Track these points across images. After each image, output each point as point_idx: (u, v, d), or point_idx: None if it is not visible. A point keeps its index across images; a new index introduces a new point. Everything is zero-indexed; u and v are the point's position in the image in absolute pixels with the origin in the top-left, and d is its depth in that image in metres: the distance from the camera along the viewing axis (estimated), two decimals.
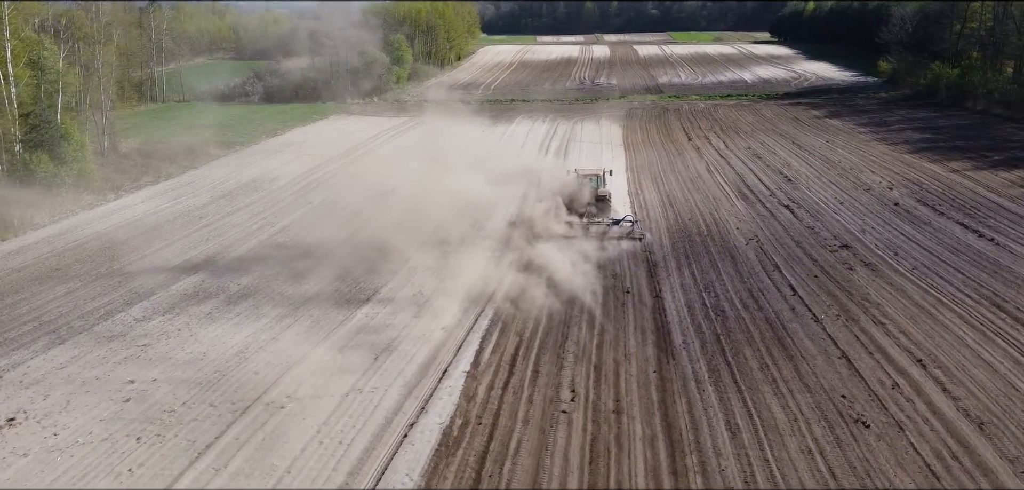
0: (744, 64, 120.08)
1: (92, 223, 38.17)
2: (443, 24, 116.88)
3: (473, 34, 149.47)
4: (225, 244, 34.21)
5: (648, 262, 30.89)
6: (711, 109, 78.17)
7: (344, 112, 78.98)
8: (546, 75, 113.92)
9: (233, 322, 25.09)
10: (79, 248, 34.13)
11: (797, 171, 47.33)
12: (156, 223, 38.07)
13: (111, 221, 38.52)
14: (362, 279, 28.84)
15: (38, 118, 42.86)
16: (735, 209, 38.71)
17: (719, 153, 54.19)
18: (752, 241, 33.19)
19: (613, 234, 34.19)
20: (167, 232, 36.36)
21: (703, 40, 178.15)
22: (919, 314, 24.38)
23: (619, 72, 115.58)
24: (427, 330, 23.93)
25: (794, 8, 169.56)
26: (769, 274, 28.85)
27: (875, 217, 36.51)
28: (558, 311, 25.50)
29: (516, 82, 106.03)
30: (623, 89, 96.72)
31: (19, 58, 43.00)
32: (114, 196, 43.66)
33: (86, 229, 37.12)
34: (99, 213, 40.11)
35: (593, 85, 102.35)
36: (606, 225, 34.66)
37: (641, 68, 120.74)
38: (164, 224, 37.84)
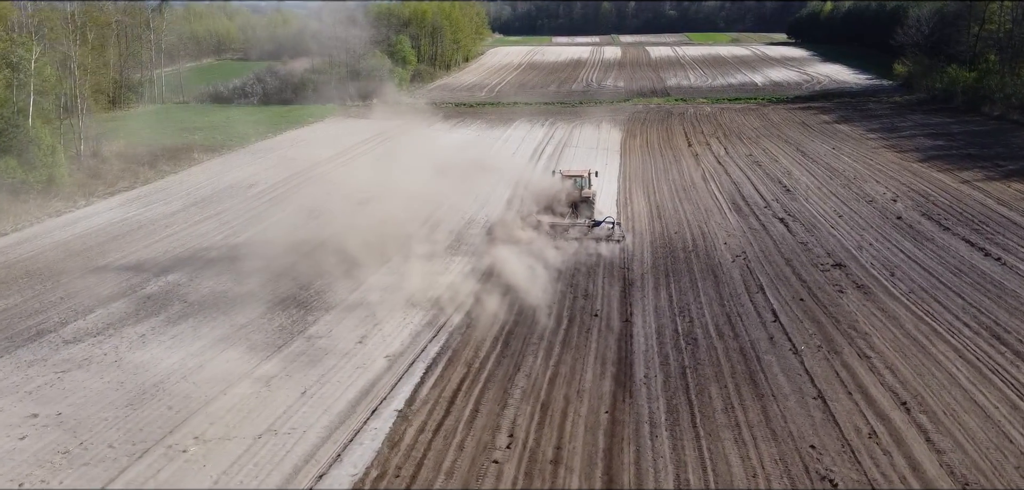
0: (756, 66, 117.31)
1: (54, 232, 36.61)
2: (449, 25, 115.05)
3: (481, 35, 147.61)
4: (182, 256, 32.49)
5: (624, 280, 28.81)
6: (717, 113, 75.76)
7: (341, 115, 77.31)
8: (553, 77, 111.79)
9: (166, 345, 23.32)
10: (33, 259, 32.54)
11: (797, 180, 44.98)
12: (120, 232, 36.45)
13: (74, 230, 36.93)
14: (314, 298, 27.01)
15: (5, 122, 41.42)
16: (726, 222, 36.50)
17: (718, 160, 51.90)
18: (739, 258, 31.01)
19: (595, 234, 33.27)
20: (127, 242, 34.74)
21: (720, 41, 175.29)
22: (910, 346, 22.13)
23: (627, 74, 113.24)
24: (369, 358, 22.02)
25: (812, 9, 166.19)
26: (752, 296, 26.67)
27: (874, 232, 34.17)
28: (516, 336, 23.52)
29: (521, 84, 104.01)
30: (629, 92, 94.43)
31: None
32: (85, 202, 42.14)
33: (46, 239, 35.56)
34: (65, 221, 38.56)
35: (599, 87, 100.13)
36: (587, 226, 33.75)
37: (651, 70, 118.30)
38: (127, 234, 36.23)
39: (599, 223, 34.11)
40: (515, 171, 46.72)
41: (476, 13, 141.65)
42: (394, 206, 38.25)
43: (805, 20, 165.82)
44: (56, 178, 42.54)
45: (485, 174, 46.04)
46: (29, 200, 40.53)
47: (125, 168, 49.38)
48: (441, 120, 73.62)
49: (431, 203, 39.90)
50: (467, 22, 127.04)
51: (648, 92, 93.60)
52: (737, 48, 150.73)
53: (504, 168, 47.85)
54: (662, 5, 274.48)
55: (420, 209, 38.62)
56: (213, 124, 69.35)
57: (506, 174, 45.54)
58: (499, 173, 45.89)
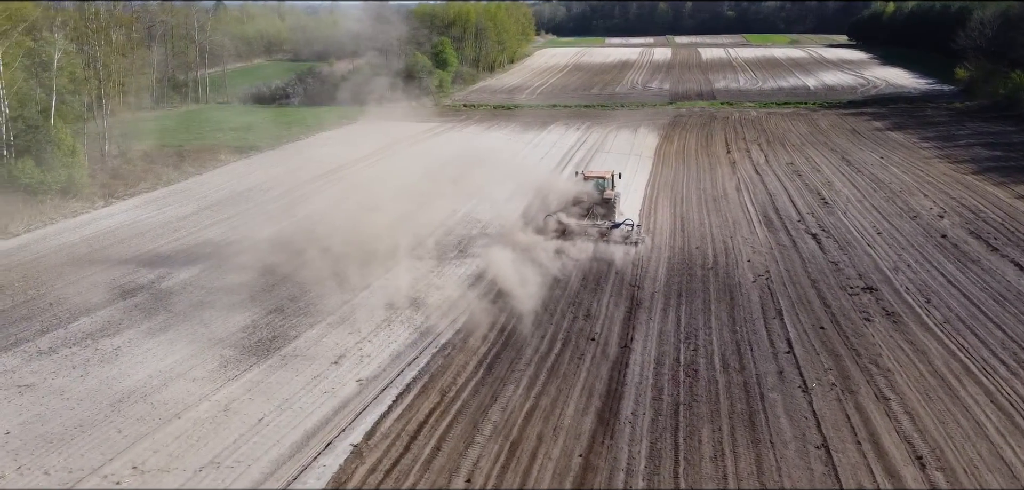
0: (810, 69, 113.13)
1: (63, 234, 36.23)
2: (494, 26, 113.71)
3: (527, 36, 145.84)
4: (180, 263, 31.59)
5: (632, 300, 26.86)
6: (763, 118, 72.70)
7: (376, 117, 76.40)
8: (597, 79, 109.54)
9: (138, 359, 22.29)
10: (35, 262, 32.10)
11: (838, 192, 42.23)
12: (128, 236, 35.89)
13: (84, 232, 36.50)
14: (301, 311, 25.78)
15: (25, 123, 41.41)
16: (753, 237, 34.17)
17: (756, 169, 49.29)
18: (761, 278, 28.75)
19: (613, 236, 32.68)
20: (133, 247, 34.11)
21: (778, 43, 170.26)
22: (936, 387, 19.75)
23: (674, 76, 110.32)
24: (340, 382, 20.62)
25: (874, 10, 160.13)
26: (767, 322, 24.48)
27: (915, 252, 31.49)
28: (502, 360, 21.85)
29: (564, 86, 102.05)
30: (674, 95, 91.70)
31: (12, 61, 41.67)
32: (103, 203, 41.89)
33: (54, 240, 35.19)
34: (77, 223, 38.23)
35: (643, 90, 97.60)
36: (607, 227, 33.21)
37: (700, 72, 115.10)
38: (135, 237, 35.64)
39: (619, 225, 33.43)
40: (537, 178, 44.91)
41: (522, 14, 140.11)
42: (405, 212, 37.16)
43: (866, 22, 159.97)
44: (75, 179, 42.34)
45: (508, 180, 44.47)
46: (47, 201, 40.42)
47: (149, 169, 49.20)
48: (475, 123, 72.36)
49: (445, 210, 38.75)
50: (512, 23, 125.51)
51: (693, 95, 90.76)
52: (793, 50, 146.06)
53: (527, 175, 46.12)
54: (720, 5, 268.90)
55: (431, 216, 37.39)
56: (247, 125, 69.09)
57: (527, 181, 43.81)
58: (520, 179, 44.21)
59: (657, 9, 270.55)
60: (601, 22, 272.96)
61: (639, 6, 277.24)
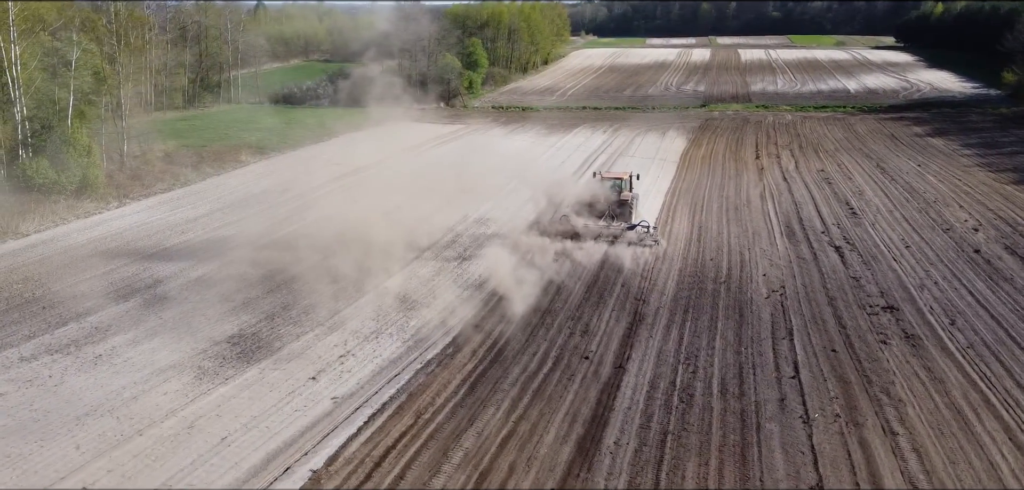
0: (853, 71, 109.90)
1: (72, 235, 36.02)
2: (527, 27, 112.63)
3: (562, 37, 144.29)
4: (183, 267, 31.11)
5: (635, 315, 25.56)
6: (798, 122, 70.45)
7: (402, 118, 75.80)
8: (631, 81, 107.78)
9: (116, 369, 21.68)
10: (38, 263, 31.83)
11: (868, 202, 40.28)
12: (136, 237, 35.57)
13: (92, 234, 36.24)
14: (292, 320, 24.98)
15: (40, 123, 41.50)
16: (773, 249, 32.55)
17: (784, 176, 47.42)
18: (775, 294, 27.20)
19: (628, 237, 32.79)
20: (137, 248, 33.73)
21: (824, 44, 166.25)
22: (950, 421, 18.14)
23: (711, 78, 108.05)
24: (315, 399, 19.73)
25: (922, 11, 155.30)
26: (776, 343, 22.99)
27: (944, 268, 29.62)
28: (488, 379, 20.76)
29: (596, 88, 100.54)
30: (708, 97, 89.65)
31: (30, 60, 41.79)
32: (117, 204, 41.77)
33: (62, 242, 34.96)
34: (88, 224, 38.05)
35: (677, 92, 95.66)
36: (622, 229, 33.40)
37: (737, 74, 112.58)
38: (142, 239, 35.30)
39: (634, 226, 33.55)
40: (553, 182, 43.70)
41: (557, 14, 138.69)
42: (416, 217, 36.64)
43: (914, 23, 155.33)
44: (90, 179, 42.30)
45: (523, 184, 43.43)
46: (61, 201, 40.37)
47: (167, 169, 49.11)
48: (501, 125, 71.37)
49: (457, 214, 38.10)
50: (547, 24, 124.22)
51: (728, 97, 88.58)
52: (837, 52, 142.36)
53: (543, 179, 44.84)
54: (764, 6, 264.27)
55: (442, 220, 36.83)
56: (274, 126, 69.08)
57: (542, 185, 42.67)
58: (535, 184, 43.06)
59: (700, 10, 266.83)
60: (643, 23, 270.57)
61: (681, 7, 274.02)
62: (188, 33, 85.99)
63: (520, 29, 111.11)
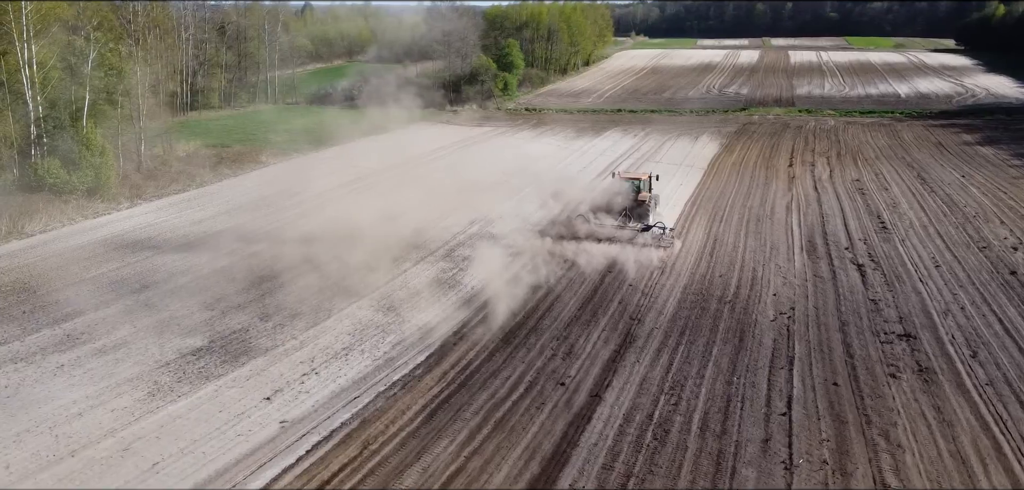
0: (906, 75, 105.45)
1: (74, 236, 35.68)
2: (567, 28, 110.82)
3: (605, 38, 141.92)
4: (173, 272, 30.40)
5: (627, 335, 23.88)
6: (841, 128, 67.38)
7: (431, 120, 75.09)
8: (673, 83, 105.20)
9: (74, 380, 20.86)
10: (32, 265, 31.41)
11: (902, 215, 37.73)
12: (135, 240, 35.00)
13: (95, 235, 35.78)
14: (262, 335, 23.94)
15: (54, 123, 41.46)
16: (789, 265, 30.44)
17: (816, 185, 44.93)
18: (783, 316, 25.21)
19: (643, 239, 32.36)
20: (133, 252, 33.12)
21: (881, 47, 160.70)
22: (953, 472, 16.13)
23: (756, 81, 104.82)
24: (262, 422, 18.58)
25: (984, 13, 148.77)
26: (773, 373, 21.09)
27: (974, 291, 27.21)
28: (451, 405, 19.36)
29: (636, 90, 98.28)
30: (750, 100, 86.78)
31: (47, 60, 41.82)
32: (128, 205, 41.50)
33: (61, 243, 34.60)
34: (93, 225, 37.68)
35: (719, 94, 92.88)
36: (637, 230, 33.13)
37: (784, 77, 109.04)
38: (142, 241, 34.79)
39: (649, 227, 33.31)
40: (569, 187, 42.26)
41: (600, 15, 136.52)
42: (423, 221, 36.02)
43: (974, 25, 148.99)
44: (102, 180, 42.12)
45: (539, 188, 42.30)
46: (72, 201, 40.23)
47: (184, 170, 48.83)
48: (530, 128, 69.84)
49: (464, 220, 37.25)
50: (589, 24, 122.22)
51: (771, 101, 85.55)
52: (892, 55, 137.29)
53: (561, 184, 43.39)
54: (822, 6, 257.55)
55: (448, 226, 36.23)
56: (302, 126, 68.60)
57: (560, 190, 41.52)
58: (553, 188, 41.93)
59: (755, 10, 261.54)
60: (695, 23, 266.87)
61: (735, 7, 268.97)
62: (225, 33, 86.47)
63: (560, 30, 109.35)
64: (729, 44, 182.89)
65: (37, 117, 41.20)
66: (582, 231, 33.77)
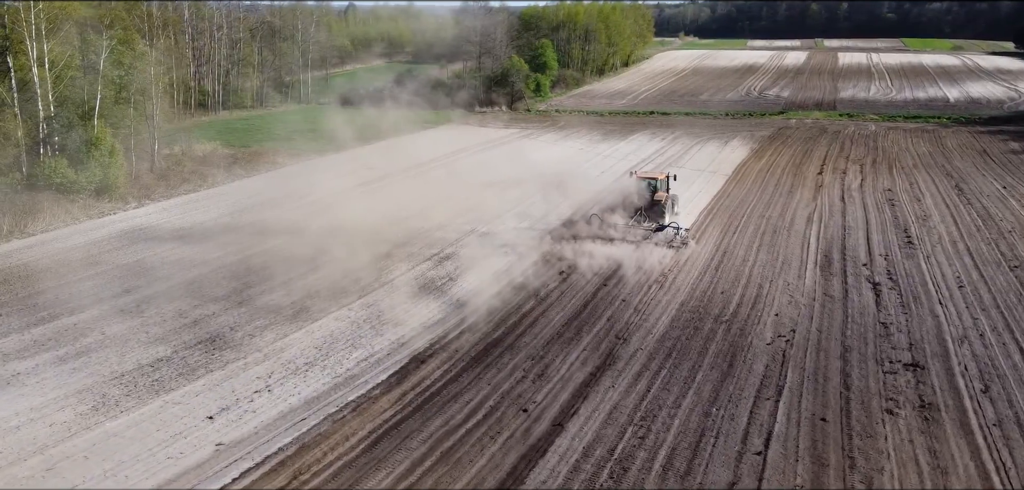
0: (958, 79, 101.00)
1: (72, 237, 35.38)
2: (604, 28, 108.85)
3: (645, 38, 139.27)
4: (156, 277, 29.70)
5: (608, 356, 22.34)
6: (881, 133, 64.38)
7: (457, 122, 74.09)
8: (712, 85, 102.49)
9: (22, 391, 20.13)
10: (22, 266, 31.02)
11: (931, 229, 35.32)
12: (133, 241, 34.55)
13: (94, 235, 35.48)
14: (227, 347, 23.03)
15: (64, 122, 41.40)
16: (799, 283, 28.46)
17: (844, 194, 42.56)
18: (781, 339, 23.38)
19: (656, 239, 32.40)
20: (124, 254, 32.66)
21: (938, 49, 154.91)
22: None
23: (799, 83, 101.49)
24: (197, 444, 17.57)
25: None
26: (756, 405, 19.34)
27: (997, 315, 24.99)
28: (400, 432, 18.11)
29: (673, 92, 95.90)
30: (790, 103, 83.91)
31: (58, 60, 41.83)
32: (135, 205, 41.28)
33: (62, 243, 34.30)
34: (97, 225, 37.44)
35: (759, 97, 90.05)
36: (651, 230, 33.19)
37: (829, 79, 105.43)
38: (139, 243, 34.27)
39: (663, 227, 33.25)
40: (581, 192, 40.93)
41: (641, 15, 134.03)
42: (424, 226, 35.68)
43: None
44: (111, 180, 41.94)
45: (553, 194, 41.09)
46: (78, 201, 40.12)
47: (197, 171, 48.60)
48: (556, 130, 68.30)
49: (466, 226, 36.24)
50: (628, 25, 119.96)
51: (812, 104, 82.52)
52: (947, 57, 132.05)
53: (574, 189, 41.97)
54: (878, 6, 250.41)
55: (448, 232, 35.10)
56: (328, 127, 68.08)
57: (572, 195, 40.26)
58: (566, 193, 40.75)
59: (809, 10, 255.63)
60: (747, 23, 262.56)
61: (789, 7, 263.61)
62: (256, 34, 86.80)
63: (597, 30, 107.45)
64: (779, 45, 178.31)
65: (46, 116, 41.17)
66: (585, 232, 33.33)
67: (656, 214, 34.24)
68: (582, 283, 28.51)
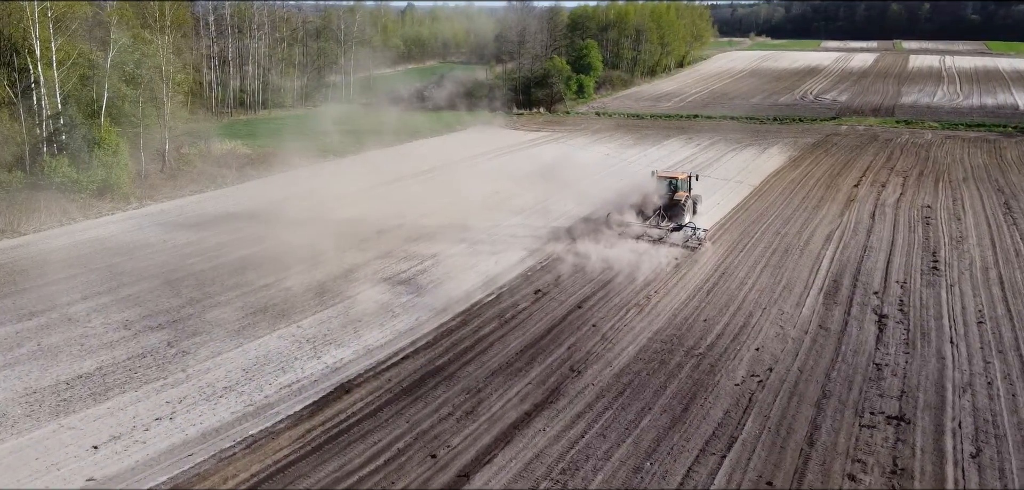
0: None
1: (64, 236, 34.88)
2: (656, 28, 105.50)
3: (702, 38, 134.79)
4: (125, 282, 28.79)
5: (552, 392, 20.17)
6: (936, 142, 59.86)
7: (493, 123, 72.32)
8: (768, 87, 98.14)
9: None
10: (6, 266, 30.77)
11: (964, 253, 31.84)
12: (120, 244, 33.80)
13: (85, 236, 34.90)
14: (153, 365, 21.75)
15: (65, 121, 41.26)
16: (796, 312, 25.65)
17: (876, 210, 39.08)
18: (754, 379, 20.80)
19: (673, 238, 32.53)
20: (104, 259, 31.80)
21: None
22: None
23: (859, 88, 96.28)
24: (69, 478, 16.21)
25: None
26: (699, 460, 16.93)
27: (1015, 358, 21.90)
28: (280, 478, 16.38)
29: (724, 94, 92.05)
30: (845, 108, 79.42)
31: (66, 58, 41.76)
32: (136, 205, 40.79)
33: (50, 243, 33.73)
34: (92, 225, 36.82)
35: (814, 101, 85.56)
36: (668, 230, 33.19)
37: (894, 83, 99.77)
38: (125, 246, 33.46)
39: (680, 227, 33.21)
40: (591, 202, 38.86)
41: (698, 15, 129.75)
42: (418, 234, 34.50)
43: None
44: (114, 180, 41.59)
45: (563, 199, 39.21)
46: (79, 200, 39.83)
47: (207, 171, 48.05)
48: (589, 133, 65.83)
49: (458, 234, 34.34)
50: (683, 25, 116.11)
51: (869, 110, 77.83)
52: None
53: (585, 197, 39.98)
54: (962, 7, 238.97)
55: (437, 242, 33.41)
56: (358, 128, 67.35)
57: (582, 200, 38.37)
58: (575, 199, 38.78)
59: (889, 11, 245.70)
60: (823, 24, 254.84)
61: (867, 7, 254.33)
62: (299, 34, 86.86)
63: (648, 30, 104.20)
64: (854, 46, 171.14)
65: (49, 114, 41.09)
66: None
67: (676, 213, 34.14)
68: (555, 304, 26.40)
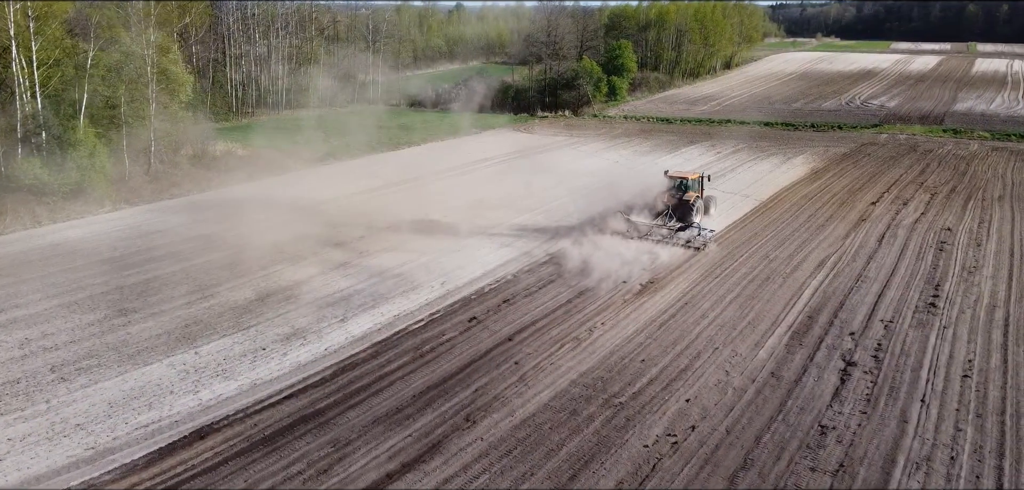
0: None
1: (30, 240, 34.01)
2: (698, 28, 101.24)
3: (751, 39, 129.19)
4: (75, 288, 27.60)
5: (432, 447, 17.70)
6: (980, 154, 54.96)
7: (512, 126, 69.90)
8: (814, 91, 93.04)
9: None
10: None
11: (971, 286, 28.04)
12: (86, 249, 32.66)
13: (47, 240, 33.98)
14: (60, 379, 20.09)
15: (40, 121, 40.47)
16: (751, 354, 22.53)
17: (888, 231, 35.24)
18: (669, 439, 17.95)
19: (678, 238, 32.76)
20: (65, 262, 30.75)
21: None
22: None
23: (911, 93, 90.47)
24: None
25: None
26: None
27: (995, 425, 18.57)
28: None
29: (765, 98, 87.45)
30: (891, 114, 74.30)
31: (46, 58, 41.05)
32: (109, 209, 39.81)
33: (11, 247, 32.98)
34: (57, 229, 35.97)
35: (860, 106, 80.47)
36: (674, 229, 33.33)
37: (951, 89, 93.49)
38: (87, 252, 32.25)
39: (686, 227, 33.35)
40: None
41: (748, 15, 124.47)
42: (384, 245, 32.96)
43: None
44: (88, 182, 40.62)
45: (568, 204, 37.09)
46: (50, 203, 38.98)
47: (193, 174, 46.88)
48: (608, 139, 62.74)
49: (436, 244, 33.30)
50: (730, 25, 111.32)
51: (915, 118, 72.59)
52: None
53: None
54: None
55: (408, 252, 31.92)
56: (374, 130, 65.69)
57: None
58: None
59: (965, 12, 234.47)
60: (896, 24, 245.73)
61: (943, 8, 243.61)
62: (324, 33, 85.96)
63: (690, 30, 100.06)
64: (923, 48, 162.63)
65: (24, 115, 40.35)
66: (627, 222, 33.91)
67: (684, 213, 33.87)
68: (485, 334, 23.96)
